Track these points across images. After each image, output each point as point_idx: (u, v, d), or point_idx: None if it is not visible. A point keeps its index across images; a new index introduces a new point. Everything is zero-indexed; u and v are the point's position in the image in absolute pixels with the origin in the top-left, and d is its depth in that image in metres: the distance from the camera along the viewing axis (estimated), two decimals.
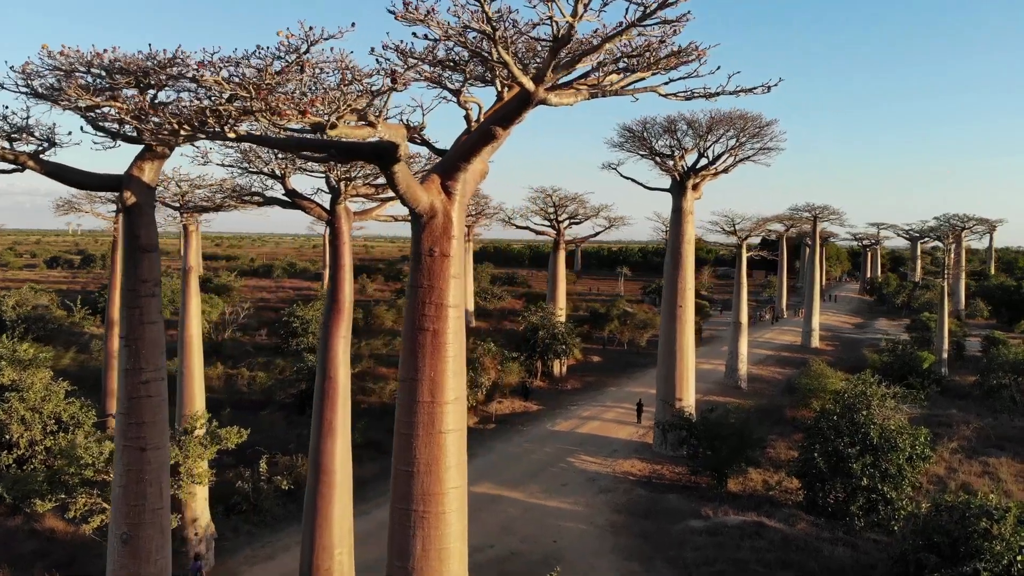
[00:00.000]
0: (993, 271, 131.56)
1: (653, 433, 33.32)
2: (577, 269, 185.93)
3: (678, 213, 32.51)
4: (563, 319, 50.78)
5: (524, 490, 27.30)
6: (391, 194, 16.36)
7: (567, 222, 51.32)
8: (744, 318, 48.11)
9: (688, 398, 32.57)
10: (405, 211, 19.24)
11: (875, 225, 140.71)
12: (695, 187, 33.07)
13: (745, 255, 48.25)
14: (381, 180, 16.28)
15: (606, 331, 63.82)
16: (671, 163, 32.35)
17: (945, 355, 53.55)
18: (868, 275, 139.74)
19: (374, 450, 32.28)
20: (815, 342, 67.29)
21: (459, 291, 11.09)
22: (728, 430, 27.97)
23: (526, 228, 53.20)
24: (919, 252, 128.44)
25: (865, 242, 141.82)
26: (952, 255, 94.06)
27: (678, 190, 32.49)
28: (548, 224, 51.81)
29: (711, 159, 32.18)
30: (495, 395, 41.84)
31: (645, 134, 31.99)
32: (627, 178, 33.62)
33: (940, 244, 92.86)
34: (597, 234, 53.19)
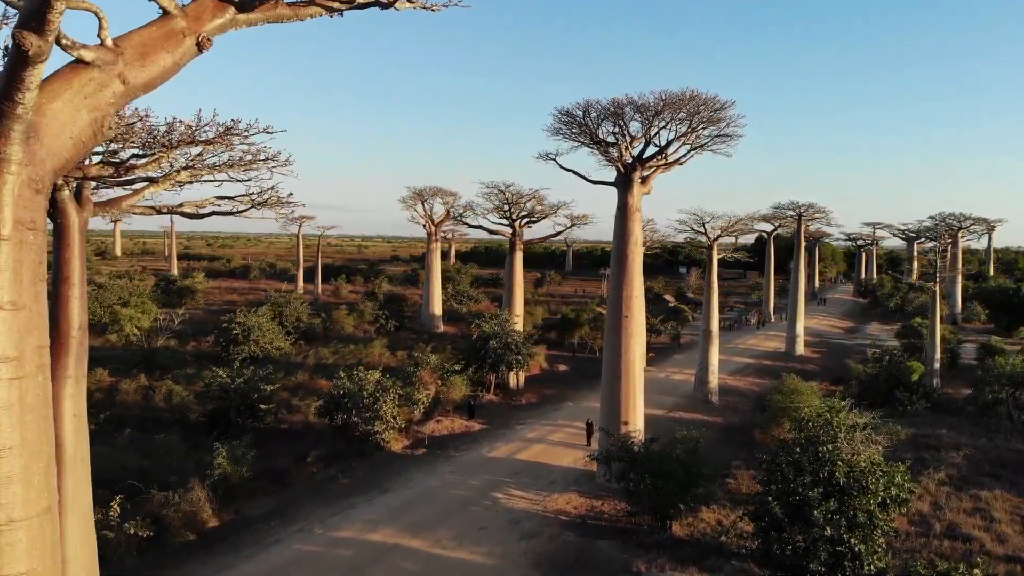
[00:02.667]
0: (992, 272, 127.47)
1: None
2: (569, 269, 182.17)
3: (623, 210, 28.35)
4: (520, 326, 46.58)
5: (431, 536, 23.13)
6: (146, 178, 12.17)
7: (523, 220, 47.12)
8: (715, 325, 43.95)
9: (636, 421, 28.42)
10: (177, 201, 15.07)
11: (870, 225, 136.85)
12: (644, 180, 28.90)
13: (716, 257, 44.04)
14: (131, 156, 12.13)
15: (575, 337, 59.72)
16: (616, 153, 28.20)
17: (937, 365, 49.41)
18: (863, 276, 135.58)
19: (270, 481, 28.14)
20: (800, 349, 63.11)
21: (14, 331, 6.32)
22: (672, 464, 23.80)
23: (478, 227, 49.07)
24: (915, 253, 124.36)
25: (860, 242, 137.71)
26: (948, 256, 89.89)
27: (623, 183, 28.34)
28: (506, 223, 47.66)
29: (660, 147, 28.03)
30: (435, 413, 37.70)
31: (587, 119, 27.84)
32: (567, 170, 29.45)
33: (937, 244, 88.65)
34: (558, 234, 49.11)
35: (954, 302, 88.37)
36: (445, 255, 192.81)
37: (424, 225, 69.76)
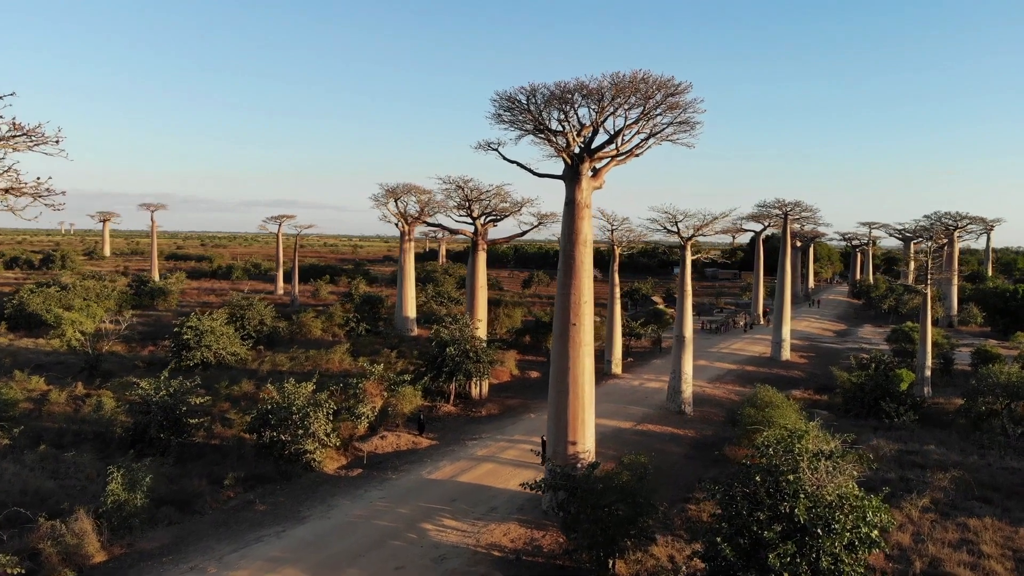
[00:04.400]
0: (990, 273, 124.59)
1: None
2: None
3: (571, 206, 25.42)
4: (483, 331, 43.64)
5: None
6: None
7: (484, 218, 44.12)
8: (688, 331, 40.98)
9: (585, 441, 25.50)
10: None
11: (866, 224, 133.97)
12: (595, 174, 25.98)
13: (689, 258, 41.07)
14: None
15: (550, 342, 56.70)
16: (563, 142, 25.27)
17: (928, 372, 46.49)
18: (858, 277, 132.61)
19: (178, 508, 25.27)
20: (786, 354, 60.16)
21: None
22: (615, 495, 20.89)
23: (438, 226, 46.07)
24: (912, 253, 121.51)
25: (855, 242, 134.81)
26: (944, 256, 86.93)
27: (572, 177, 25.40)
28: (468, 221, 44.68)
29: (611, 135, 25.09)
30: (380, 428, 34.81)
31: (531, 105, 24.91)
32: (511, 161, 26.48)
33: (930, 244, 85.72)
34: (524, 233, 46.15)
35: (950, 304, 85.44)
36: (434, 255, 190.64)
37: (397, 224, 66.89)
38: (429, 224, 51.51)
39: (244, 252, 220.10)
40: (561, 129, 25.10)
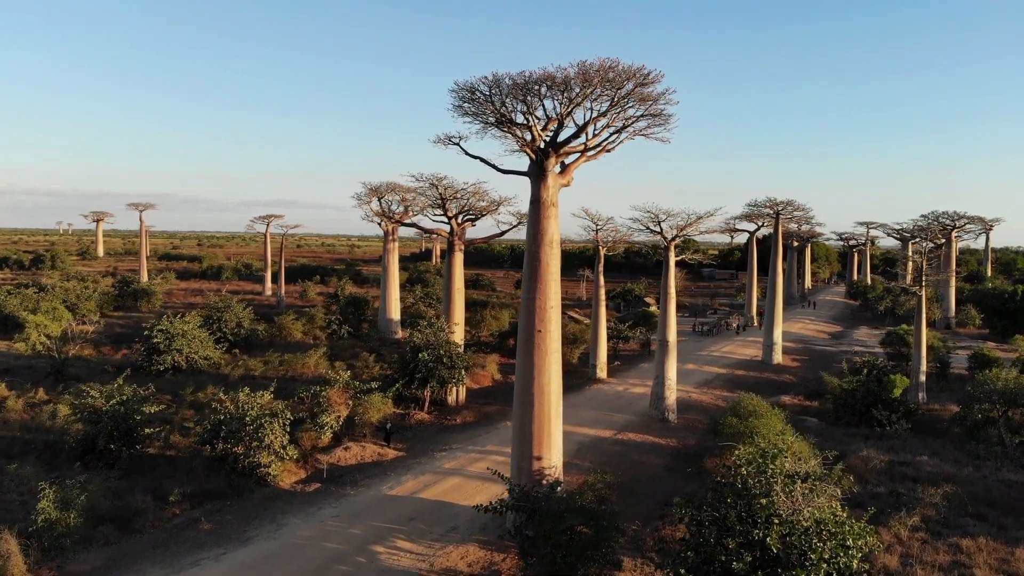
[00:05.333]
0: (989, 273, 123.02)
1: None
2: None
3: (536, 205, 23.77)
4: (460, 335, 41.97)
5: None
6: None
7: (461, 217, 42.43)
8: (672, 335, 39.30)
9: (551, 456, 23.84)
10: None
11: (864, 224, 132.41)
12: (563, 170, 24.34)
13: (673, 259, 39.38)
14: None
15: None
16: (529, 136, 23.62)
17: (923, 377, 44.86)
18: (855, 277, 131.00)
19: (118, 527, 23.62)
20: (777, 358, 58.51)
21: None
22: (577, 517, 19.24)
23: (412, 225, 44.43)
24: (910, 253, 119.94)
25: (852, 242, 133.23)
26: (941, 257, 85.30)
27: (537, 173, 23.76)
28: (443, 220, 42.98)
29: (577, 128, 23.43)
30: (345, 438, 33.15)
31: (494, 97, 23.25)
32: (474, 157, 24.80)
33: (924, 244, 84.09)
34: (503, 233, 44.47)
35: (947, 306, 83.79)
36: (429, 255, 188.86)
37: (381, 224, 65.18)
38: (404, 224, 49.86)
39: (240, 252, 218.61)
40: (526, 122, 23.45)
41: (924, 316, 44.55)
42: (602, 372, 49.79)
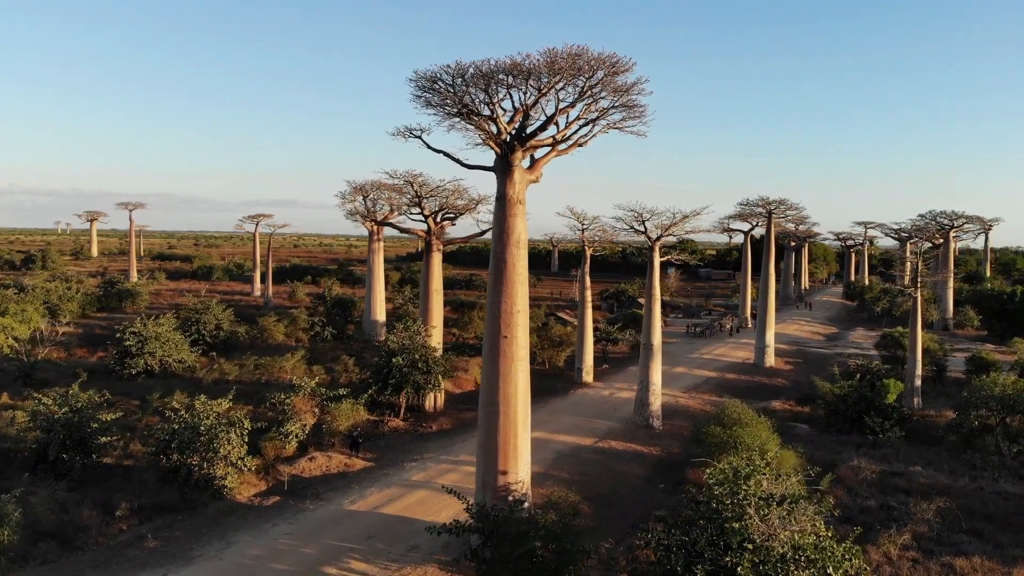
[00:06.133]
0: (989, 273, 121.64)
1: None
2: (555, 270, 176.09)
3: (502, 202, 22.29)
4: (438, 339, 40.47)
5: None
6: None
7: (439, 216, 40.91)
8: (656, 338, 37.83)
9: (517, 470, 22.36)
10: None
11: (862, 224, 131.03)
12: (532, 165, 22.88)
13: (658, 259, 37.90)
14: None
15: None
16: (495, 129, 22.14)
17: (918, 382, 43.40)
18: (852, 278, 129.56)
19: (60, 543, 22.18)
20: (770, 360, 57.06)
21: None
22: (537, 540, 17.78)
23: (390, 225, 42.94)
24: (908, 253, 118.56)
25: (849, 242, 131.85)
26: (939, 257, 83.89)
27: (503, 168, 22.29)
28: (420, 220, 41.46)
29: (546, 119, 21.93)
30: (311, 447, 31.68)
31: (455, 87, 21.78)
32: (436, 150, 23.28)
33: (919, 244, 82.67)
34: (484, 232, 42.95)
35: (945, 307, 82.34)
36: (421, 255, 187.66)
37: (364, 223, 63.60)
38: (383, 224, 48.42)
39: (235, 252, 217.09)
40: (491, 114, 21.97)
41: (919, 318, 43.12)
42: (588, 376, 48.34)
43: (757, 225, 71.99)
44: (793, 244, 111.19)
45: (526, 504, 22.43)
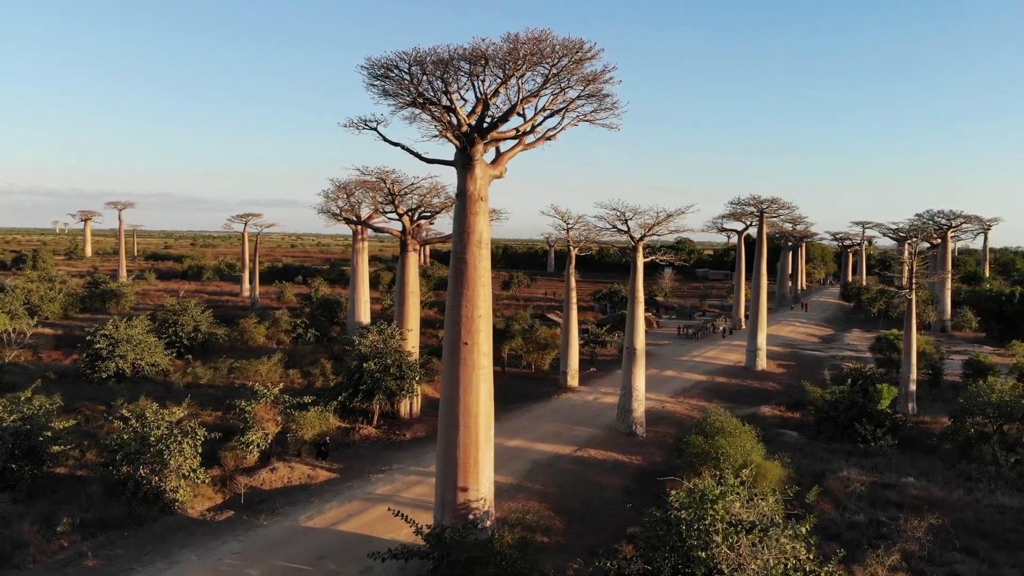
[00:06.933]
0: (988, 274, 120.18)
1: None
2: (551, 270, 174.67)
3: (463, 199, 20.85)
4: (414, 342, 38.99)
5: None
6: None
7: (415, 215, 39.44)
8: (640, 342, 36.37)
9: (479, 487, 20.93)
10: None
11: (859, 224, 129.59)
12: (495, 160, 21.42)
13: (642, 260, 36.44)
14: None
15: (505, 351, 52.17)
16: (453, 120, 20.69)
17: (913, 387, 41.97)
18: (849, 278, 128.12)
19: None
20: (761, 364, 55.59)
21: None
22: (488, 569, 16.31)
23: (366, 225, 41.48)
24: (906, 254, 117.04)
25: (846, 242, 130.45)
26: (937, 257, 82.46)
27: (464, 163, 20.84)
28: (395, 218, 39.96)
29: (507, 110, 20.48)
30: (273, 458, 30.20)
31: (412, 75, 20.33)
32: (393, 143, 21.85)
33: (914, 244, 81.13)
34: None
35: (942, 308, 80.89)
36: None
37: (341, 220, 61.99)
38: (362, 224, 46.94)
39: (230, 252, 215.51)
40: (450, 104, 20.53)
41: (914, 320, 41.68)
42: (573, 380, 46.89)
43: (751, 225, 70.57)
44: (789, 244, 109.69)
45: (488, 523, 21.03)
